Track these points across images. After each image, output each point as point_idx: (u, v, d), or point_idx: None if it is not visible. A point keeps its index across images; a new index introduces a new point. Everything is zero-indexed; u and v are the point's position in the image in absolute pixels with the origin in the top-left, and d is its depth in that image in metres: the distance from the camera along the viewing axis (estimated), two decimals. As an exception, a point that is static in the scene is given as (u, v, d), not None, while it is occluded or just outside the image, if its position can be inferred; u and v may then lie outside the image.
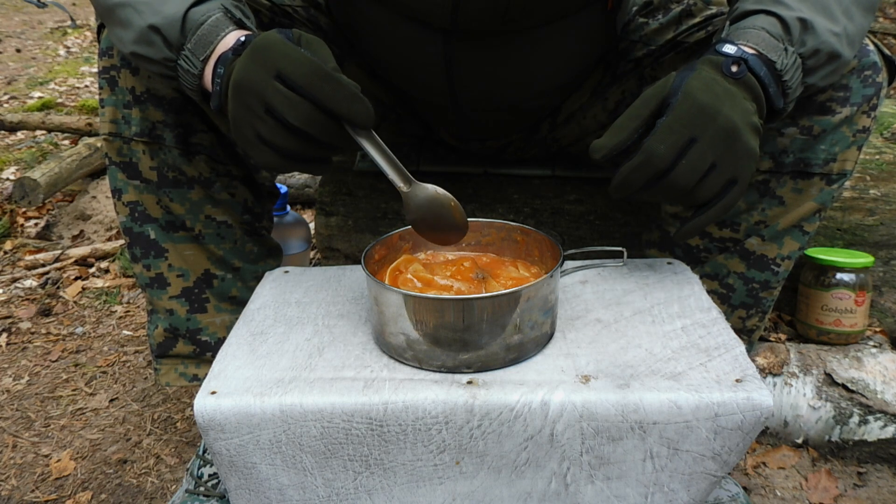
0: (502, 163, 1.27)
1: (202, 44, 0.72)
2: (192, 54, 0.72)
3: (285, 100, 0.65)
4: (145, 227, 0.93)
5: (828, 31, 0.72)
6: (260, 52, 0.67)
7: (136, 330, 1.55)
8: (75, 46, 4.77)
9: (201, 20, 0.72)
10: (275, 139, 0.67)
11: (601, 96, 1.07)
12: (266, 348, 0.74)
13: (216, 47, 0.72)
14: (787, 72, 0.71)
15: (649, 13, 1.03)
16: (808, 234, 0.91)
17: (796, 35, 0.71)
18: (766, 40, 0.71)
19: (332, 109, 0.65)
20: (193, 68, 0.73)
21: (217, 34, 0.72)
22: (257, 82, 0.66)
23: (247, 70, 0.67)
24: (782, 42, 0.71)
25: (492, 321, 0.67)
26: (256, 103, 0.66)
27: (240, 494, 0.70)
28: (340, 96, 0.65)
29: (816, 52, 0.72)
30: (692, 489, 0.68)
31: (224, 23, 0.73)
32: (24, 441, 1.20)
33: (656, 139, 0.67)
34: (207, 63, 0.72)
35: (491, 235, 0.83)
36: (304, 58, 0.65)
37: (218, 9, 0.74)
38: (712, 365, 0.68)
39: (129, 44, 0.75)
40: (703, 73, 0.69)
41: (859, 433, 1.07)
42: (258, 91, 0.66)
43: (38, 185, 2.05)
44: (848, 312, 1.16)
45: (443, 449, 0.66)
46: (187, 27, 0.72)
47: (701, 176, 0.68)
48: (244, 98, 0.67)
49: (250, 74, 0.66)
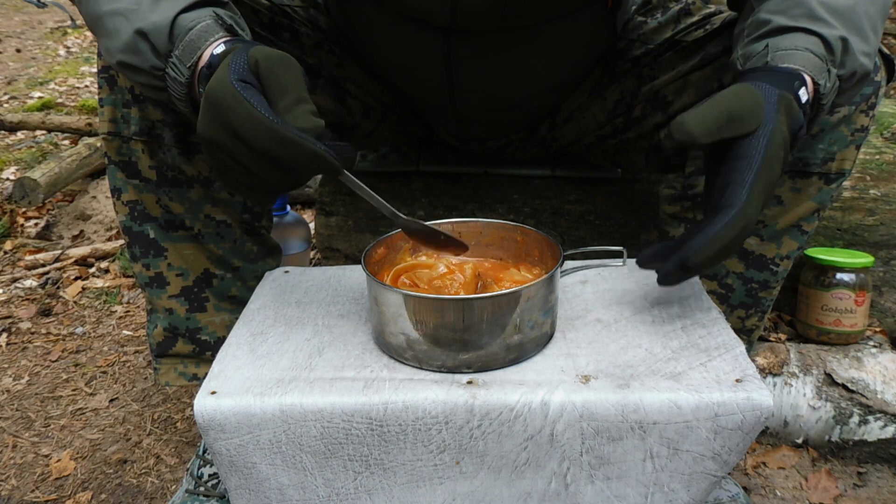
0: (502, 163, 1.27)
1: (189, 50, 0.69)
2: (180, 61, 0.70)
3: (253, 159, 0.63)
4: (145, 227, 0.93)
5: (861, 52, 0.71)
6: (213, 107, 0.64)
7: (136, 330, 1.55)
8: (75, 46, 4.77)
9: (189, 26, 0.70)
10: (256, 184, 0.66)
11: (600, 95, 1.07)
12: (266, 348, 0.74)
13: (203, 53, 0.69)
14: (826, 96, 0.69)
15: (648, 12, 1.03)
16: (806, 234, 0.91)
17: (838, 56, 0.70)
18: (812, 62, 0.68)
19: (298, 171, 0.64)
20: (180, 76, 0.70)
21: (205, 40, 0.70)
22: (220, 140, 0.64)
23: (207, 126, 0.65)
24: (826, 63, 0.69)
25: (492, 321, 0.67)
26: (227, 159, 0.65)
27: (240, 494, 0.70)
28: (301, 159, 0.62)
29: (853, 75, 0.71)
30: (692, 489, 0.68)
31: (213, 29, 0.70)
32: (24, 441, 1.20)
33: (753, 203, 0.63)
34: (195, 70, 0.70)
35: (491, 236, 0.83)
36: (254, 119, 0.61)
37: (208, 15, 0.71)
38: (712, 365, 0.68)
39: (116, 53, 0.73)
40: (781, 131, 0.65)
41: (859, 433, 1.07)
42: (224, 148, 0.64)
43: (38, 185, 2.05)
44: (848, 312, 1.16)
45: (443, 449, 0.66)
46: (175, 33, 0.70)
47: None
48: (213, 152, 0.66)
49: (211, 133, 0.64)
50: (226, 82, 0.63)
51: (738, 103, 0.65)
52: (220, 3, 0.74)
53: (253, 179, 0.66)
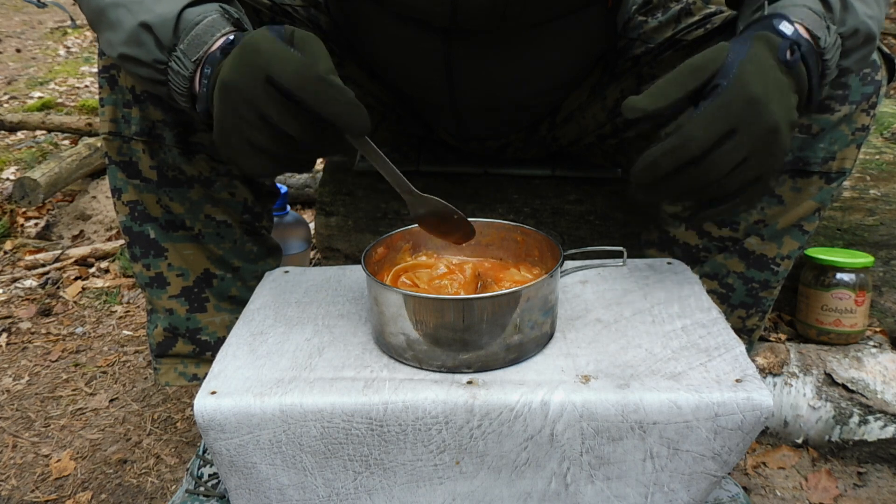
0: (502, 163, 1.27)
1: (195, 44, 0.68)
2: (184, 55, 0.69)
3: (278, 107, 0.61)
4: (145, 227, 0.93)
5: (864, 13, 0.71)
6: (249, 53, 0.63)
7: (136, 330, 1.55)
8: (75, 46, 4.77)
9: (196, 20, 0.69)
10: (267, 146, 0.64)
11: (600, 95, 1.07)
12: (266, 348, 0.74)
13: (210, 48, 0.68)
14: (828, 50, 0.69)
15: (648, 11, 1.03)
16: (807, 234, 0.91)
17: (837, 13, 0.70)
18: (809, 17, 0.69)
19: (328, 117, 0.62)
20: (184, 69, 0.69)
21: (212, 34, 0.69)
22: (247, 87, 0.62)
23: (235, 72, 0.63)
24: (824, 20, 0.69)
25: (492, 321, 0.67)
26: (247, 109, 0.62)
27: (240, 494, 0.70)
28: (336, 103, 0.61)
29: (855, 33, 0.71)
30: (692, 489, 0.68)
31: (220, 23, 0.69)
32: (24, 441, 1.20)
33: (697, 125, 0.64)
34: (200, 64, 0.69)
35: (491, 236, 0.83)
36: (296, 59, 0.61)
37: (215, 10, 0.70)
38: (712, 365, 0.68)
39: (118, 45, 0.72)
40: (758, 56, 0.66)
41: (859, 433, 1.07)
42: (248, 96, 0.62)
43: (38, 185, 2.05)
44: (848, 312, 1.16)
45: (443, 449, 0.66)
46: (181, 27, 0.69)
47: (732, 168, 0.66)
48: (233, 103, 0.63)
49: (239, 77, 0.62)
50: (265, 33, 0.63)
51: (700, 56, 0.68)
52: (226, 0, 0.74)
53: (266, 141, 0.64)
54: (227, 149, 0.66)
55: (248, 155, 0.65)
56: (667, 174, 0.67)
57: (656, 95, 0.67)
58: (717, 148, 0.64)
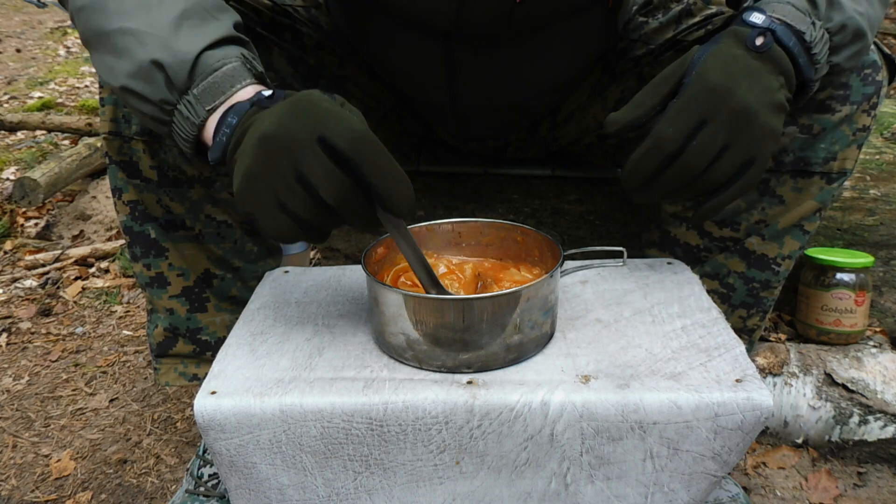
0: (502, 163, 1.27)
1: (212, 92, 0.64)
2: (197, 101, 0.64)
3: (323, 171, 0.58)
4: (145, 227, 0.93)
5: (853, 9, 0.71)
6: (303, 109, 0.59)
7: (136, 330, 1.55)
8: (75, 46, 4.77)
9: (216, 66, 0.64)
10: (295, 207, 0.60)
11: (600, 95, 1.07)
12: (266, 348, 0.74)
13: (228, 99, 0.64)
14: (815, 45, 0.69)
15: (649, 12, 1.03)
16: (808, 234, 0.91)
17: (822, 10, 0.70)
18: (792, 13, 0.69)
19: (376, 187, 0.59)
20: (194, 117, 0.65)
21: (233, 84, 0.64)
22: (296, 142, 0.58)
23: (284, 126, 0.58)
24: (809, 16, 0.69)
25: (492, 321, 0.67)
26: (288, 166, 0.58)
27: (240, 494, 0.70)
28: (390, 174, 0.58)
29: (843, 28, 0.71)
30: (692, 489, 0.68)
31: (242, 73, 0.65)
32: (24, 441, 1.20)
33: (665, 122, 0.67)
34: (214, 113, 0.65)
35: (491, 236, 0.83)
36: (355, 122, 0.58)
37: (236, 57, 0.66)
38: (712, 365, 0.68)
39: (121, 76, 0.67)
40: (722, 50, 0.67)
41: (859, 433, 1.07)
42: (294, 153, 0.58)
43: (38, 185, 2.05)
44: (848, 312, 1.16)
45: (443, 449, 0.66)
46: (198, 70, 0.64)
47: (713, 158, 0.67)
48: (274, 157, 0.58)
49: (289, 132, 0.58)
50: (320, 94, 0.60)
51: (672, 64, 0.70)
52: (242, 42, 0.70)
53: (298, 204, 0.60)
54: (250, 205, 0.61)
55: (272, 215, 0.61)
56: (652, 174, 0.69)
57: (632, 106, 0.71)
58: (691, 140, 0.66)
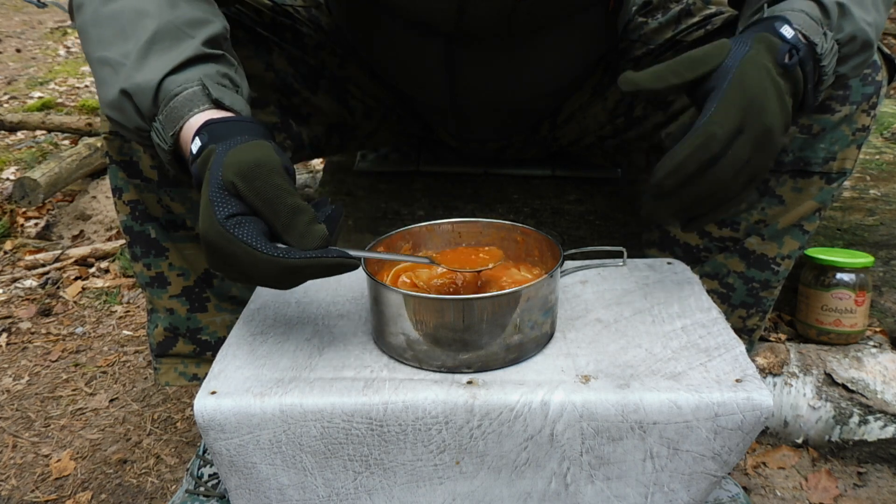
0: (502, 163, 1.27)
1: (172, 118, 0.66)
2: (164, 127, 0.66)
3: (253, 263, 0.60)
4: (146, 226, 0.93)
5: (862, 19, 0.71)
6: (215, 253, 0.61)
7: (136, 330, 1.55)
8: (75, 46, 4.77)
9: (175, 91, 0.65)
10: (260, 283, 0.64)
11: (601, 96, 1.07)
12: (266, 348, 0.74)
13: (184, 125, 0.65)
14: (825, 56, 0.69)
15: (649, 13, 1.03)
16: (808, 234, 0.91)
17: (834, 19, 0.70)
18: (806, 22, 0.69)
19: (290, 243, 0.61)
20: (163, 143, 0.67)
21: (190, 109, 0.65)
22: (233, 276, 0.63)
23: (215, 266, 0.63)
24: (821, 26, 0.69)
25: (492, 321, 0.67)
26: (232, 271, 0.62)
27: (240, 494, 0.70)
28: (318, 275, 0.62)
29: (853, 39, 0.71)
30: (692, 489, 0.68)
31: (199, 99, 0.66)
32: (24, 441, 1.20)
33: (716, 122, 0.64)
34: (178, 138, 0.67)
35: (491, 236, 0.83)
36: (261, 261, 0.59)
37: (196, 81, 0.66)
38: (712, 365, 0.68)
39: (104, 106, 0.70)
40: (756, 59, 0.66)
41: (859, 433, 1.07)
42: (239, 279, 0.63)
43: (38, 185, 2.05)
44: (848, 312, 1.16)
45: (443, 449, 0.66)
46: (161, 97, 0.66)
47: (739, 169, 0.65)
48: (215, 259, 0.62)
49: (221, 271, 0.63)
50: (215, 225, 0.59)
51: (701, 50, 0.69)
52: (213, 58, 0.70)
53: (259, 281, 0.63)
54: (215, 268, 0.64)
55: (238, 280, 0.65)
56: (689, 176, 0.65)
57: (653, 76, 0.68)
58: (730, 147, 0.65)
